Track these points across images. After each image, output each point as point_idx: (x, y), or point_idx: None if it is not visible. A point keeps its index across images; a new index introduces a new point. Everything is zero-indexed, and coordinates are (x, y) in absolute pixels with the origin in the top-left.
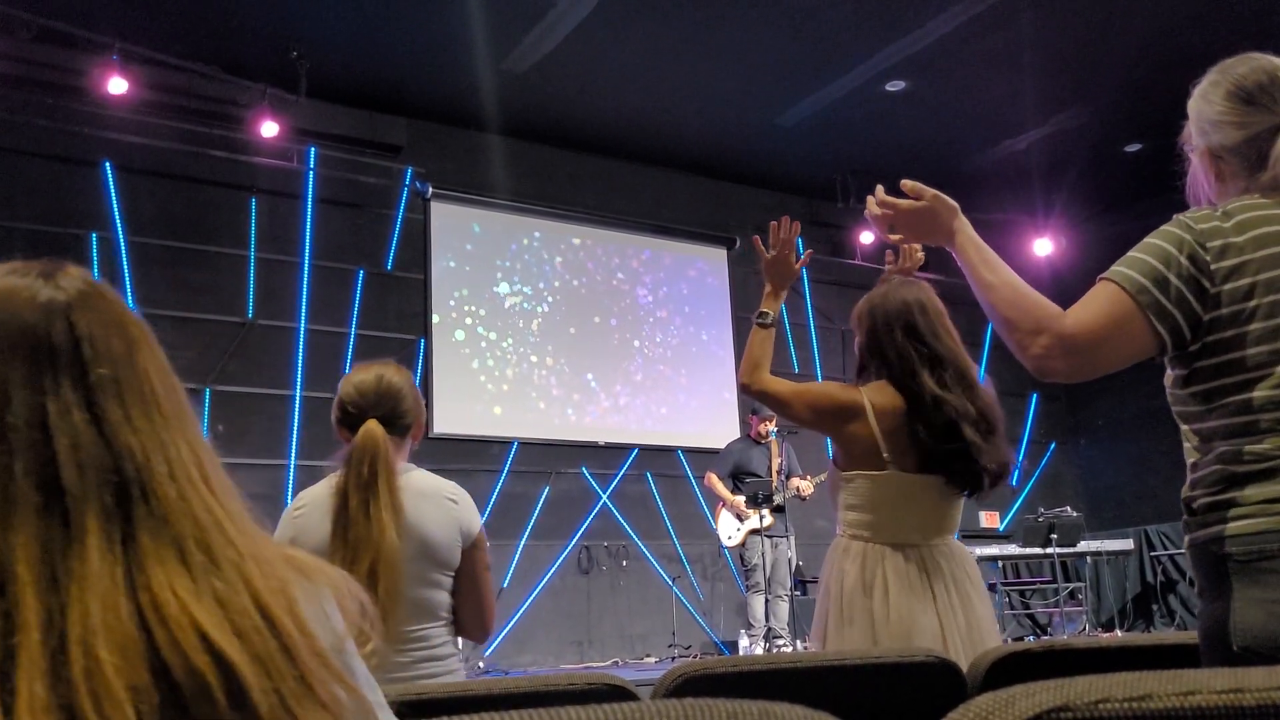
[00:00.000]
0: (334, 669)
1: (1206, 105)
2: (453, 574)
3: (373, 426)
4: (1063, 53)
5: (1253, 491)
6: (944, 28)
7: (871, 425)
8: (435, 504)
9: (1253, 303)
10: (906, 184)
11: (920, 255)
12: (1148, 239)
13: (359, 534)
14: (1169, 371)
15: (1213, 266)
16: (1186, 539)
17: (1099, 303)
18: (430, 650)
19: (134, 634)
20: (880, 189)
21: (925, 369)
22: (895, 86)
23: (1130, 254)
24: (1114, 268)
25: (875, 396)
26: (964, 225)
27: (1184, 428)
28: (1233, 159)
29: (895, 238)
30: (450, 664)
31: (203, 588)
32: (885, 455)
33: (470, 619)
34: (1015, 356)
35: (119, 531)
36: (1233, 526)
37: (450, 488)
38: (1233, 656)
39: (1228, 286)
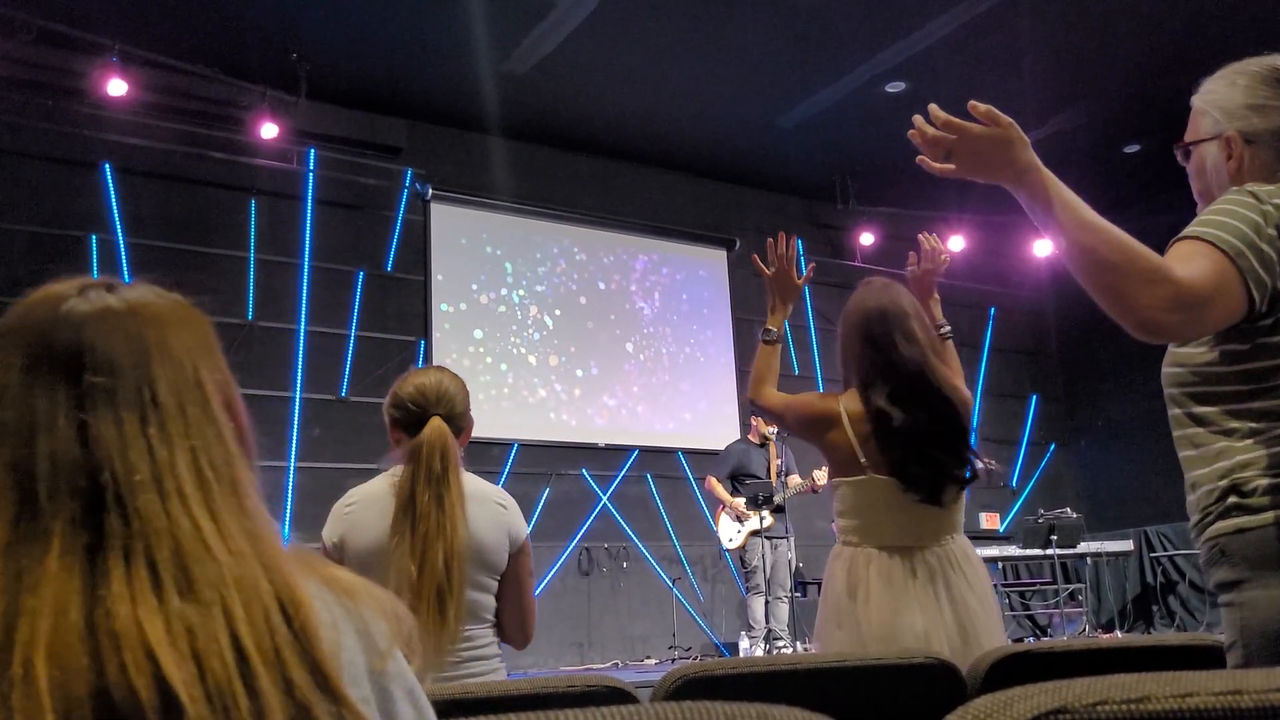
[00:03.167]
0: (341, 703)
1: (1236, 91)
2: (499, 578)
3: (439, 423)
4: (1062, 54)
5: None
6: (944, 29)
7: (847, 433)
8: (486, 508)
9: None
10: (977, 107)
11: (945, 257)
12: (1225, 205)
13: (430, 528)
14: (1199, 350)
15: None
16: (1231, 523)
17: (1204, 260)
18: (477, 650)
19: (78, 647)
20: (935, 107)
21: (878, 380)
22: (895, 88)
23: (1214, 217)
24: (1203, 229)
25: (850, 404)
26: (1039, 162)
27: (1204, 409)
28: (1271, 143)
29: (945, 168)
30: (494, 664)
31: (170, 609)
32: (862, 461)
33: (512, 623)
34: (1110, 306)
35: (86, 541)
36: None
37: (499, 493)
38: None
39: None
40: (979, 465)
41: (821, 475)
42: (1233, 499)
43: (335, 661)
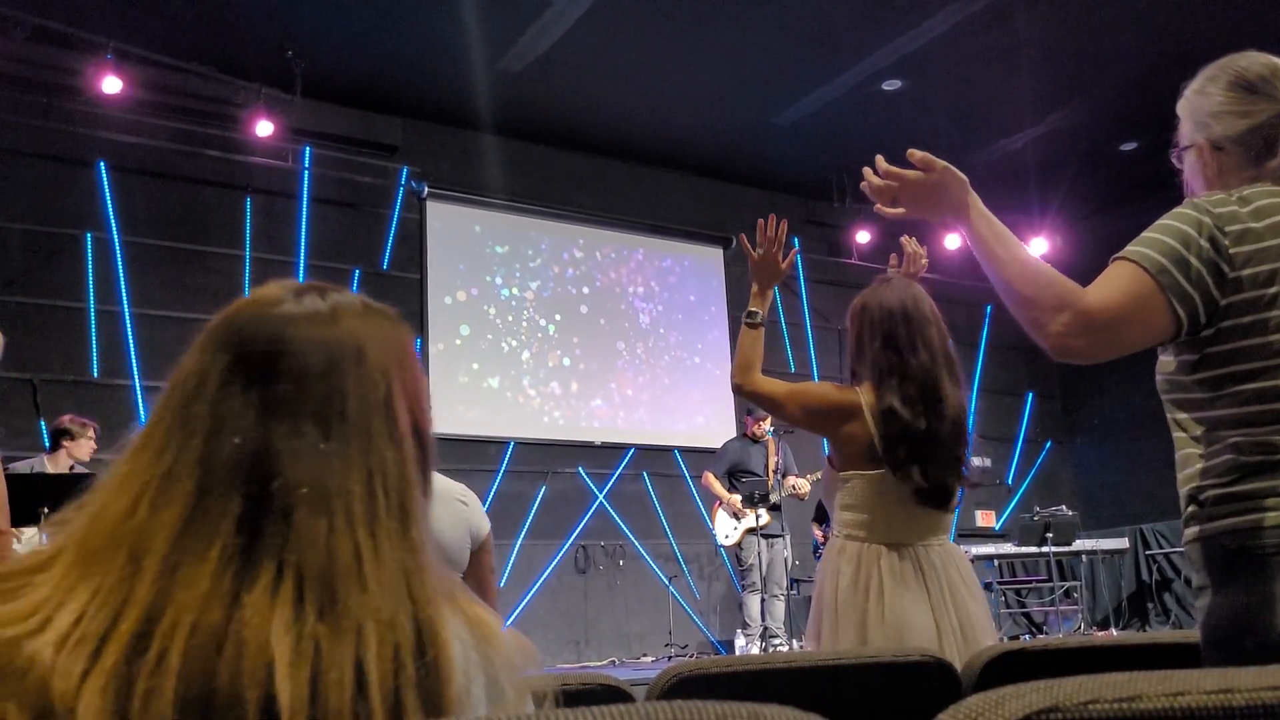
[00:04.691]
0: None
1: (1205, 99)
2: (460, 576)
3: None
4: (1058, 52)
5: (1272, 482)
6: (940, 27)
7: (869, 425)
8: (447, 506)
9: (1273, 289)
10: (914, 154)
11: (924, 261)
12: (1163, 220)
13: None
14: (1169, 358)
15: (1231, 250)
16: (1191, 531)
17: (1120, 281)
18: None
19: (209, 646)
20: (880, 159)
21: (893, 381)
22: (891, 86)
23: (1147, 234)
24: (1132, 247)
25: (869, 397)
26: (975, 200)
27: (1180, 416)
28: (1236, 149)
29: (896, 211)
30: None
31: (303, 628)
32: (882, 455)
33: None
34: (1029, 334)
35: (244, 544)
36: (1253, 519)
37: (460, 489)
38: (1246, 653)
39: (1247, 271)
40: (975, 465)
41: (805, 484)
42: (1192, 508)
43: (459, 707)
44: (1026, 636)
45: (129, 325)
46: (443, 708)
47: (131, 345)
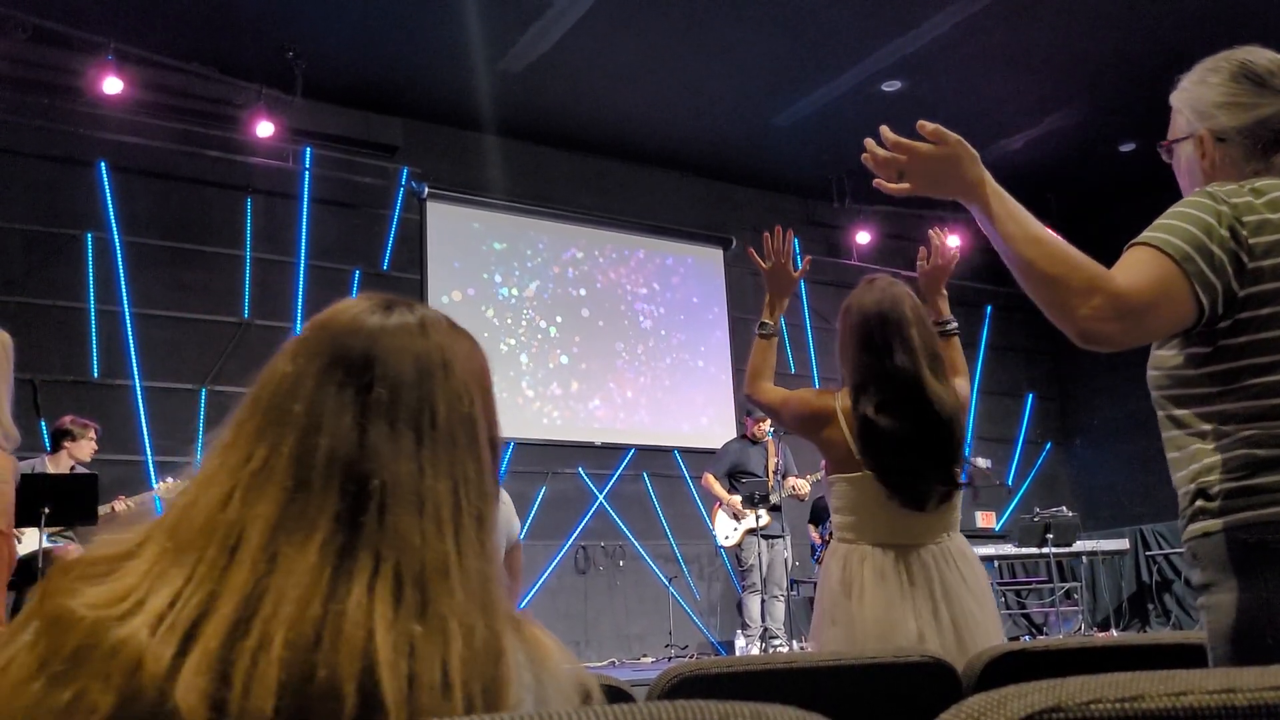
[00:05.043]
0: None
1: (1208, 89)
2: None
3: None
4: (1057, 53)
5: None
6: (939, 28)
7: (843, 430)
8: None
9: None
10: (925, 126)
11: (955, 252)
12: (1181, 208)
13: None
14: (1169, 351)
15: (1251, 241)
16: (1199, 527)
17: (1146, 266)
18: None
19: (309, 638)
20: (886, 129)
21: (870, 385)
22: (891, 86)
23: (1167, 221)
24: (1153, 234)
25: (845, 402)
26: (989, 177)
27: (1180, 412)
28: (1240, 141)
29: (900, 187)
30: None
31: (400, 627)
32: (859, 458)
33: None
34: (1053, 318)
35: (344, 539)
36: (1272, 512)
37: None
38: (1267, 650)
39: (1267, 263)
40: (973, 467)
41: (805, 485)
42: (1199, 503)
43: None
44: (1027, 637)
45: (129, 325)
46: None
47: (132, 345)
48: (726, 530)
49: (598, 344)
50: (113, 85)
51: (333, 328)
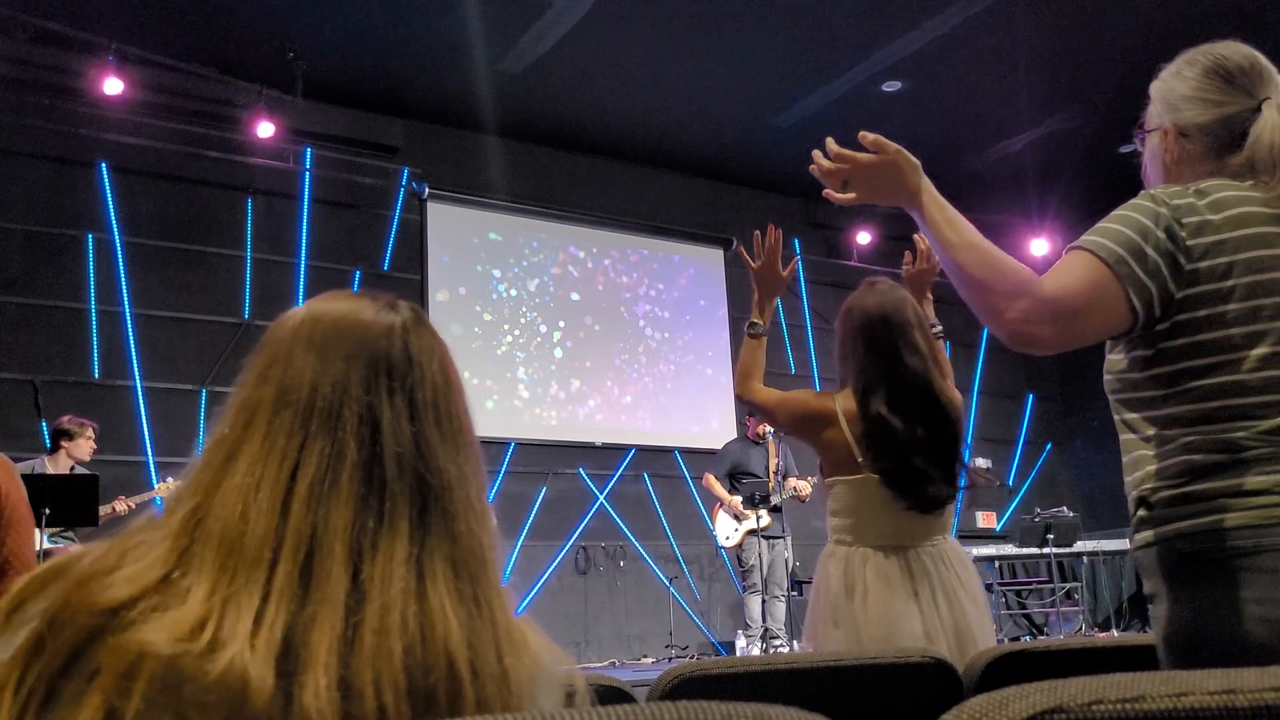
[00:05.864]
0: None
1: (1179, 82)
2: None
3: None
4: (1058, 54)
5: (1225, 483)
6: (940, 29)
7: (844, 431)
8: None
9: (1230, 282)
10: (866, 136)
11: (938, 259)
12: (1120, 211)
13: None
14: (1118, 355)
15: (1189, 243)
16: (1141, 536)
17: (1077, 270)
18: None
19: (416, 638)
20: (831, 141)
21: (880, 387)
22: (891, 87)
23: (1103, 224)
24: (1087, 237)
25: (847, 403)
26: (928, 184)
27: (1129, 416)
28: (1201, 138)
29: (846, 196)
30: None
31: (462, 617)
32: (860, 460)
33: None
34: (984, 321)
35: (420, 540)
36: (1205, 521)
37: None
38: (1204, 664)
39: (1204, 264)
40: (977, 469)
41: (806, 486)
42: (1140, 511)
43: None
44: (1027, 638)
45: (130, 326)
46: (522, 703)
47: (132, 346)
48: (727, 531)
49: (598, 344)
50: (113, 86)
51: (361, 328)
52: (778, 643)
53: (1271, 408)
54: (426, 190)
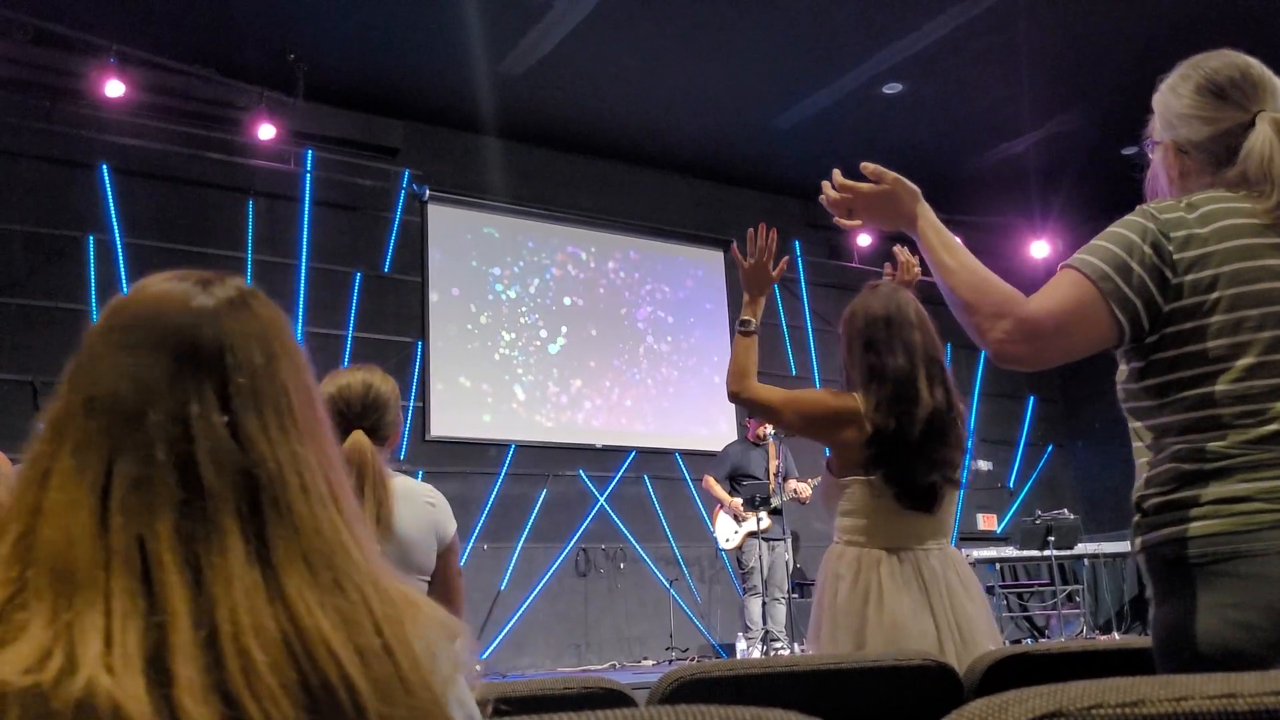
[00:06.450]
0: (443, 709)
1: (1175, 99)
2: (428, 579)
3: (360, 439)
4: (1059, 55)
5: (1208, 490)
6: (941, 30)
7: (868, 431)
8: (414, 506)
9: (1214, 295)
10: (867, 167)
11: (917, 269)
12: (1111, 228)
13: None
14: (1122, 366)
15: (1175, 257)
16: (1137, 541)
17: (1061, 289)
18: None
19: (278, 638)
20: (837, 172)
21: (874, 387)
22: (892, 89)
23: (1093, 242)
24: (1076, 255)
25: (865, 403)
26: (925, 210)
27: (1134, 425)
28: (1199, 154)
29: (853, 223)
30: None
31: (327, 604)
32: (869, 459)
33: None
34: (973, 339)
35: (255, 536)
36: (1187, 528)
37: (429, 491)
38: (1186, 668)
39: (1190, 278)
40: (979, 467)
41: (806, 489)
42: (1136, 517)
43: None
44: (1028, 640)
45: None
46: (441, 662)
47: None
48: (727, 533)
49: (598, 345)
50: (114, 88)
51: (167, 317)
52: (778, 645)
53: (1253, 417)
54: (427, 192)
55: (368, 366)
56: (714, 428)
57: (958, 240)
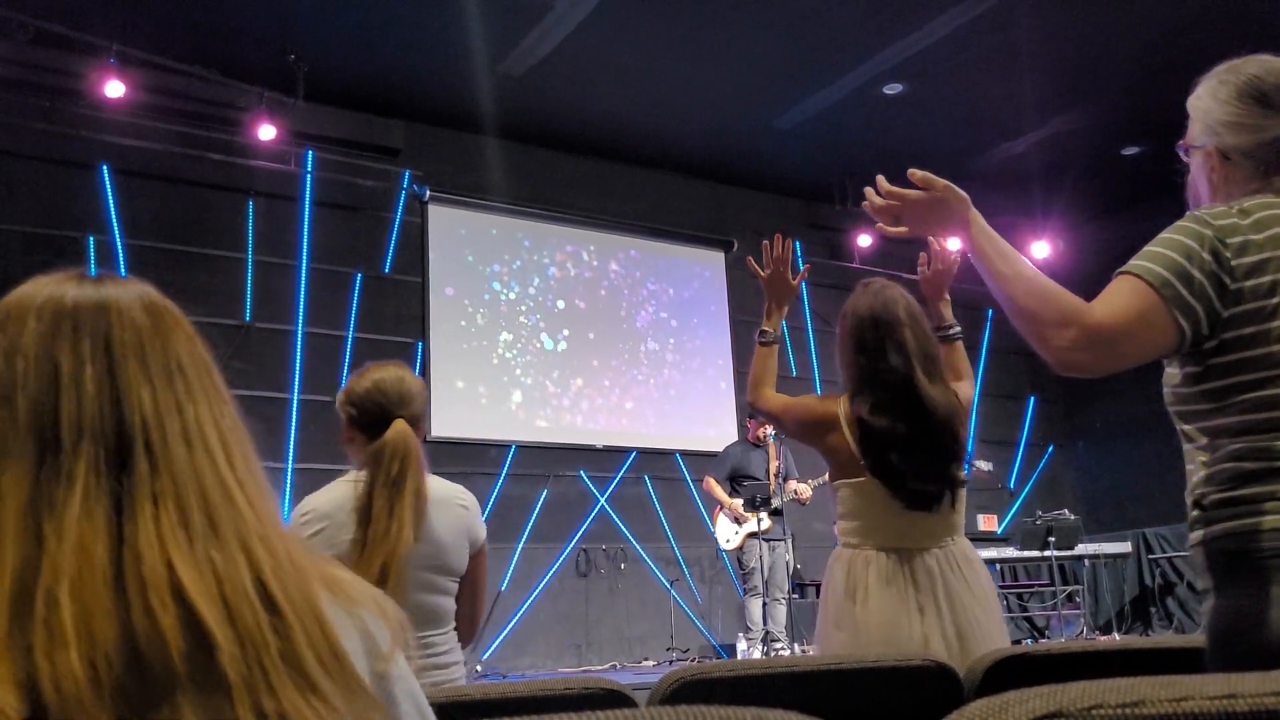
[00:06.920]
0: (350, 678)
1: (1217, 105)
2: (458, 580)
3: (404, 426)
4: (1060, 55)
5: (1268, 488)
6: (942, 30)
7: (846, 435)
8: (448, 510)
9: (1275, 300)
10: (915, 174)
11: (955, 258)
12: (1166, 234)
13: (377, 532)
14: (1174, 370)
15: (1233, 262)
16: (1195, 535)
17: (1124, 295)
18: (435, 659)
19: (103, 585)
20: (882, 179)
21: (865, 388)
22: (893, 89)
23: (1150, 248)
24: (1135, 261)
25: (845, 407)
26: (977, 217)
27: (1186, 427)
28: (1245, 162)
29: (898, 230)
30: (454, 672)
31: (198, 553)
32: (863, 463)
33: (463, 621)
34: (1035, 348)
35: (111, 485)
36: (1258, 521)
37: (461, 493)
38: (1244, 656)
39: (1249, 283)
40: (973, 469)
41: (806, 489)
42: (1195, 513)
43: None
44: (1029, 641)
45: None
46: (376, 647)
47: None
48: (728, 533)
49: (599, 346)
50: (114, 88)
51: (46, 294)
52: (779, 645)
53: None
54: (428, 192)
55: (395, 361)
56: (714, 428)
57: (1011, 247)
